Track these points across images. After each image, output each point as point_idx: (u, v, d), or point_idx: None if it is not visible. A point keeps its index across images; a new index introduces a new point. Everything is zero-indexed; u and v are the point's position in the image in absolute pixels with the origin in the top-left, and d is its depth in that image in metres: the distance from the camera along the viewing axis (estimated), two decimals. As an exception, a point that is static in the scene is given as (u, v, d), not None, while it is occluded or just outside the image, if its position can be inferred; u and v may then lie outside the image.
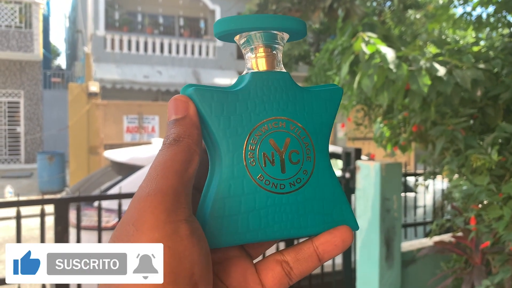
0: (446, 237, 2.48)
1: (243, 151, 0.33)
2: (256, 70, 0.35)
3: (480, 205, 1.92)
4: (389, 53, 1.82)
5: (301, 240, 0.35)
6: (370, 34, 1.97)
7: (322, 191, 0.35)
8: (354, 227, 0.36)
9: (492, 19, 2.88)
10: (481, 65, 1.92)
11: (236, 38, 0.36)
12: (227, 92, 0.34)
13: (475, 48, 2.21)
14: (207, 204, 0.33)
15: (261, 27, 0.34)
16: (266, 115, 0.34)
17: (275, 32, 0.35)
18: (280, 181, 0.34)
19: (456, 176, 2.15)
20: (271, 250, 2.07)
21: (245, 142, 0.33)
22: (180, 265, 0.27)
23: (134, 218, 0.27)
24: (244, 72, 0.36)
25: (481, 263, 1.99)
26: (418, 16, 6.27)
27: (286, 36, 0.36)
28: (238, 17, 0.34)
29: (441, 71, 1.82)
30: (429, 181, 2.92)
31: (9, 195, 7.20)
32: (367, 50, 1.88)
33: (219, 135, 0.33)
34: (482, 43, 2.56)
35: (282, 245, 2.46)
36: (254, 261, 0.35)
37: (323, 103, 0.36)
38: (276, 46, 0.36)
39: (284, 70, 0.36)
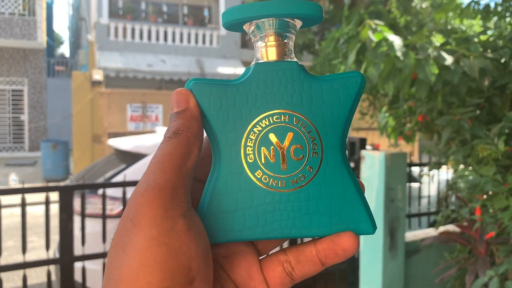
0: (451, 227, 2.47)
1: (241, 147, 0.32)
2: (264, 60, 0.34)
3: (485, 196, 1.91)
4: (397, 41, 1.80)
5: (305, 240, 0.34)
6: (377, 21, 1.94)
7: (330, 190, 0.32)
8: (367, 230, 0.33)
9: (500, 8, 2.85)
10: (489, 54, 1.89)
11: (246, 26, 0.34)
12: (227, 85, 0.32)
13: (483, 37, 2.19)
14: (205, 199, 0.32)
15: (274, 14, 0.32)
16: (268, 108, 0.32)
17: (287, 19, 0.33)
18: (280, 178, 0.32)
19: (461, 166, 2.14)
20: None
21: (243, 138, 0.32)
22: (177, 261, 0.27)
23: (132, 213, 0.28)
24: (252, 63, 0.34)
25: (485, 253, 1.99)
26: (424, 5, 6.21)
27: (299, 23, 0.34)
28: (248, 5, 0.32)
29: (449, 60, 1.80)
30: (434, 171, 2.91)
31: (13, 182, 7.24)
32: (374, 37, 1.86)
33: (217, 130, 0.32)
34: (489, 32, 2.53)
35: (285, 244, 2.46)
36: (260, 258, 0.35)
37: (335, 93, 0.33)
38: (288, 34, 0.34)
39: (294, 59, 0.34)
